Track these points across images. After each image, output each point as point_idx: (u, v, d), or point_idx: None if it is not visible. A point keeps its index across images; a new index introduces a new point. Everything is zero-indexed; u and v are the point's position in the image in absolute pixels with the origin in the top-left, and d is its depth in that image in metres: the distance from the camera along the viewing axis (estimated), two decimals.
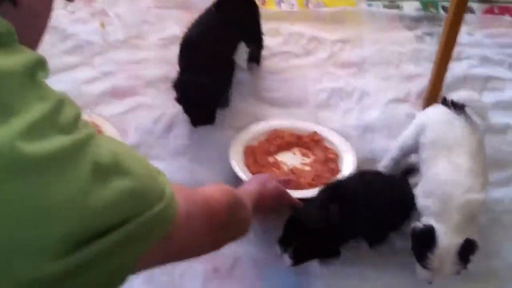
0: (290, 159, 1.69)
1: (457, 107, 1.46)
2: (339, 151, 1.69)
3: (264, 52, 1.99)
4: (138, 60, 1.93)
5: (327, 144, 1.72)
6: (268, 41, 2.00)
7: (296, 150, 1.72)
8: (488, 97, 1.88)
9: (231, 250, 1.49)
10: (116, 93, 1.85)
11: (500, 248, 1.50)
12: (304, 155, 1.71)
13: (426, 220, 1.33)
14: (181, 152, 1.71)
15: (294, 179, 1.58)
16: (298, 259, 1.37)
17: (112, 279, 0.69)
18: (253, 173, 1.59)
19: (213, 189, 1.01)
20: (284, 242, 1.37)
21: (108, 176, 0.65)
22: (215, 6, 1.76)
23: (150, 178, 0.73)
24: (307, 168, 1.67)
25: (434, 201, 1.35)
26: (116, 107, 1.81)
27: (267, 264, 1.46)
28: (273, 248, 1.44)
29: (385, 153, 1.65)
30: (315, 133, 1.73)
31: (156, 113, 1.78)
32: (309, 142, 1.72)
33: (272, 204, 1.37)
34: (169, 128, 1.76)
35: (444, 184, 1.35)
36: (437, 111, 1.51)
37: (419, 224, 1.34)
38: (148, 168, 0.75)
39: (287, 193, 1.42)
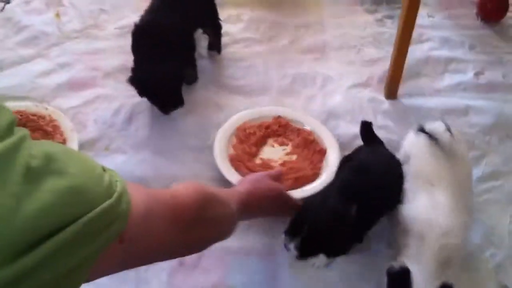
0: (273, 153, 1.67)
1: (432, 137, 1.40)
2: (310, 128, 1.70)
3: (225, 39, 1.96)
4: (95, 50, 1.89)
5: (295, 125, 1.72)
6: (229, 27, 1.97)
7: (271, 141, 1.70)
8: (450, 79, 1.90)
9: None
10: (74, 85, 1.80)
11: None
12: (281, 144, 1.70)
13: (403, 260, 1.26)
14: (143, 144, 1.68)
15: (292, 175, 1.57)
16: (305, 251, 1.30)
17: (65, 285, 0.66)
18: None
19: (180, 186, 0.98)
20: (291, 233, 1.30)
21: (41, 177, 0.62)
22: None
23: (92, 177, 0.70)
24: (294, 156, 1.66)
25: (410, 241, 1.28)
26: (74, 100, 1.76)
27: (234, 255, 1.46)
28: (240, 239, 1.45)
29: (350, 139, 1.65)
30: (278, 117, 1.72)
31: (115, 104, 1.75)
32: (278, 129, 1.71)
33: (268, 204, 1.29)
34: (129, 119, 1.73)
35: (420, 224, 1.27)
36: (420, 140, 1.42)
37: (395, 265, 1.27)
38: (89, 166, 0.72)
39: (284, 193, 1.35)
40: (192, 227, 0.93)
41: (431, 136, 1.40)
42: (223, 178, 1.58)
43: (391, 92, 1.81)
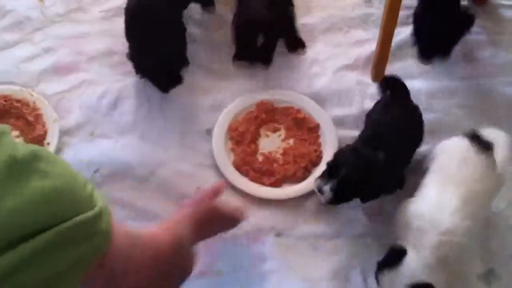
0: (270, 144, 1.67)
1: (483, 145, 1.40)
2: (297, 105, 1.71)
3: (214, 21, 1.93)
4: (80, 34, 1.86)
5: (281, 105, 1.72)
6: (218, 9, 1.95)
7: (263, 131, 1.69)
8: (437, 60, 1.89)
9: None
10: (58, 70, 1.79)
11: None
12: (274, 130, 1.70)
13: (405, 243, 1.31)
14: (129, 129, 1.69)
15: (300, 165, 1.61)
16: (340, 193, 1.39)
17: None
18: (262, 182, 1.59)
19: (157, 229, 0.98)
20: (327, 176, 1.39)
21: (26, 173, 0.61)
22: None
23: (77, 181, 0.69)
24: (291, 141, 1.66)
25: (412, 230, 1.32)
26: (58, 85, 1.75)
27: (221, 241, 1.46)
28: None
29: (337, 122, 1.65)
30: (261, 103, 1.71)
31: (100, 89, 1.74)
32: (266, 116, 1.70)
33: (212, 226, 1.27)
34: (114, 104, 1.72)
35: (424, 218, 1.31)
36: (458, 145, 1.43)
37: (398, 243, 1.32)
38: (73, 172, 0.70)
39: (219, 209, 1.28)
40: (168, 271, 0.93)
41: (483, 143, 1.40)
42: (207, 162, 1.59)
43: (378, 74, 1.80)
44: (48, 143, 1.62)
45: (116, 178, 1.58)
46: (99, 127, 1.68)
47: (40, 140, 1.63)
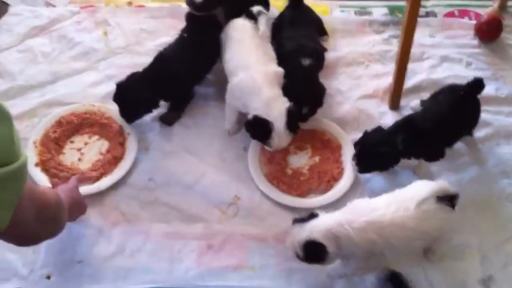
0: (299, 161, 1.93)
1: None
2: (322, 128, 1.97)
3: None
4: (137, 64, 2.11)
5: (309, 128, 1.97)
6: None
7: (292, 148, 1.95)
8: None
9: (222, 229, 1.76)
10: None
11: None
12: (301, 149, 1.96)
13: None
14: (177, 145, 1.98)
15: (324, 179, 1.87)
16: (360, 165, 1.76)
17: None
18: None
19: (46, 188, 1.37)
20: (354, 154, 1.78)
21: None
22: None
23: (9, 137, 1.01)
24: (316, 158, 1.92)
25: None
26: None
27: (253, 240, 1.73)
28: (258, 227, 1.76)
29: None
30: None
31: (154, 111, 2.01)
32: (296, 136, 1.90)
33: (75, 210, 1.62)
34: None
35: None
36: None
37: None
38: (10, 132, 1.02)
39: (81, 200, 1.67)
40: (48, 221, 1.29)
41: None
42: (243, 175, 1.86)
43: (394, 104, 2.05)
44: (128, 133, 1.97)
45: (167, 185, 1.87)
46: (153, 143, 1.97)
47: (121, 133, 1.97)
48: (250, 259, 1.70)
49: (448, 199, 1.52)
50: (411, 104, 2.02)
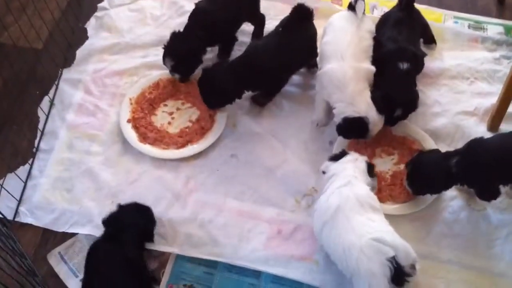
0: (383, 165, 1.90)
1: None
2: (413, 137, 1.93)
3: None
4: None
5: (399, 134, 1.94)
6: None
7: (379, 151, 1.92)
8: None
9: (294, 218, 1.76)
10: None
11: None
12: (388, 154, 1.93)
13: None
14: (265, 128, 2.00)
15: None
16: (412, 186, 1.74)
17: None
18: None
19: None
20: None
21: None
22: None
23: None
24: (401, 166, 1.87)
25: None
26: None
27: None
28: None
29: None
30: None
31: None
32: (383, 140, 1.91)
33: None
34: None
35: None
36: None
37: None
38: None
39: None
40: None
41: None
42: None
43: (493, 126, 1.97)
44: None
45: (248, 164, 1.89)
46: (241, 121, 1.99)
47: None
48: (316, 253, 1.70)
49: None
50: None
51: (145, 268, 1.63)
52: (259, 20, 2.20)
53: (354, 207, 1.52)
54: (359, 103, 1.77)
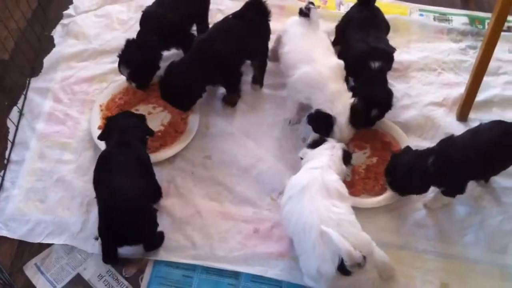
0: (356, 159, 1.89)
1: None
2: (384, 130, 1.95)
3: None
4: None
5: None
6: None
7: (350, 147, 1.91)
8: None
9: (270, 216, 1.77)
10: None
11: None
12: (360, 148, 1.94)
13: None
14: (238, 128, 2.01)
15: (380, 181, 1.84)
16: (394, 188, 1.75)
17: None
18: None
19: None
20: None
21: None
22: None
23: None
24: (374, 159, 1.90)
25: None
26: None
27: None
28: None
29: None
30: None
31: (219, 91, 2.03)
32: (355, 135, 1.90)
33: None
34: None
35: None
36: None
37: None
38: None
39: None
40: None
41: None
42: (299, 165, 1.82)
43: (462, 115, 2.00)
44: (192, 109, 1.98)
45: (223, 165, 1.89)
46: (214, 123, 1.99)
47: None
48: (293, 250, 1.68)
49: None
50: None
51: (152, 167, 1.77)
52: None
53: (320, 190, 1.54)
54: (337, 103, 1.78)
